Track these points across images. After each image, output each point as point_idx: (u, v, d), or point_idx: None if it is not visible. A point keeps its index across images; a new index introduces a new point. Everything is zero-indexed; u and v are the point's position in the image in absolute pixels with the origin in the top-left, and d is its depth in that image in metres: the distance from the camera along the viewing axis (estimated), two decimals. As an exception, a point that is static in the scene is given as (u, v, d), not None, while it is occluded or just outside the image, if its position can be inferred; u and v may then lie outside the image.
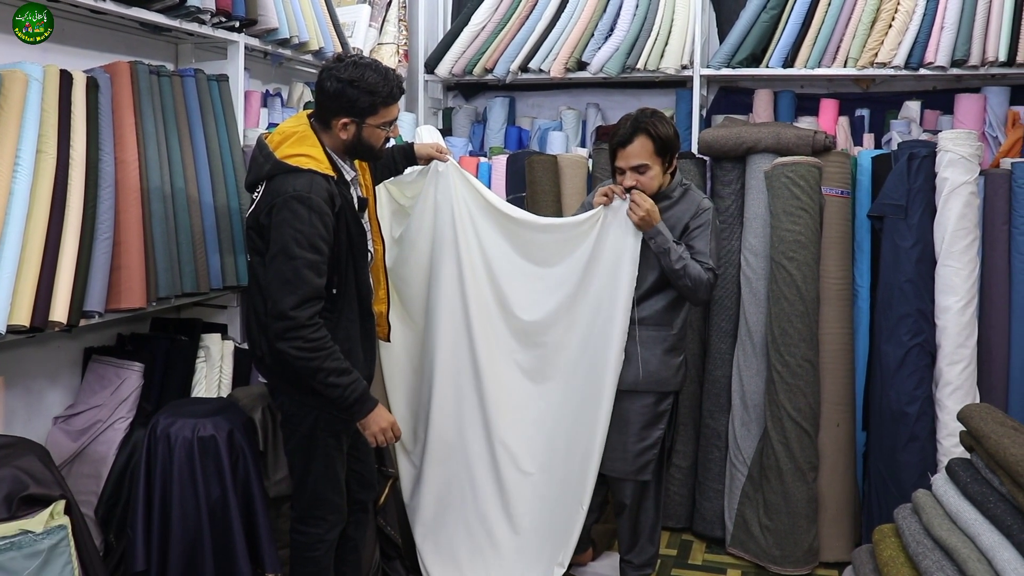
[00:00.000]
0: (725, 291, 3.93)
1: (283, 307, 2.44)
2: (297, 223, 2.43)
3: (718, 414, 3.95)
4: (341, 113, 2.57)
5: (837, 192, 3.77)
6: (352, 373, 2.53)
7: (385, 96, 2.57)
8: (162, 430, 2.80)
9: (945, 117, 4.38)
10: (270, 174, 2.53)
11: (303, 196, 2.45)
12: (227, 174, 3.36)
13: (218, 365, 3.45)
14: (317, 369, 2.47)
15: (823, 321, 3.74)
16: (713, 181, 4.07)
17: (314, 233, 2.45)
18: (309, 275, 2.45)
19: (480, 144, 5.20)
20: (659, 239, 3.02)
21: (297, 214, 2.44)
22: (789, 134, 3.77)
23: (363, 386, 2.56)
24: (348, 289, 2.65)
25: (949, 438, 3.46)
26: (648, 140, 3.05)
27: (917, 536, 2.44)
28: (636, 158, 3.06)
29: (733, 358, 3.91)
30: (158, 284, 2.94)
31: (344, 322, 2.64)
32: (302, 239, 2.44)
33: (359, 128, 2.59)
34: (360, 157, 2.73)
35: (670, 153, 3.11)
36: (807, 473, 3.64)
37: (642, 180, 3.08)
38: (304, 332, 2.44)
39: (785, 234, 3.64)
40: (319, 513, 2.74)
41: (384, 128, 2.63)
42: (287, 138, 2.58)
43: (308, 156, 2.53)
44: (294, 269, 2.43)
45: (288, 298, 2.43)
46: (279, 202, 2.46)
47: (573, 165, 4.25)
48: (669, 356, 3.19)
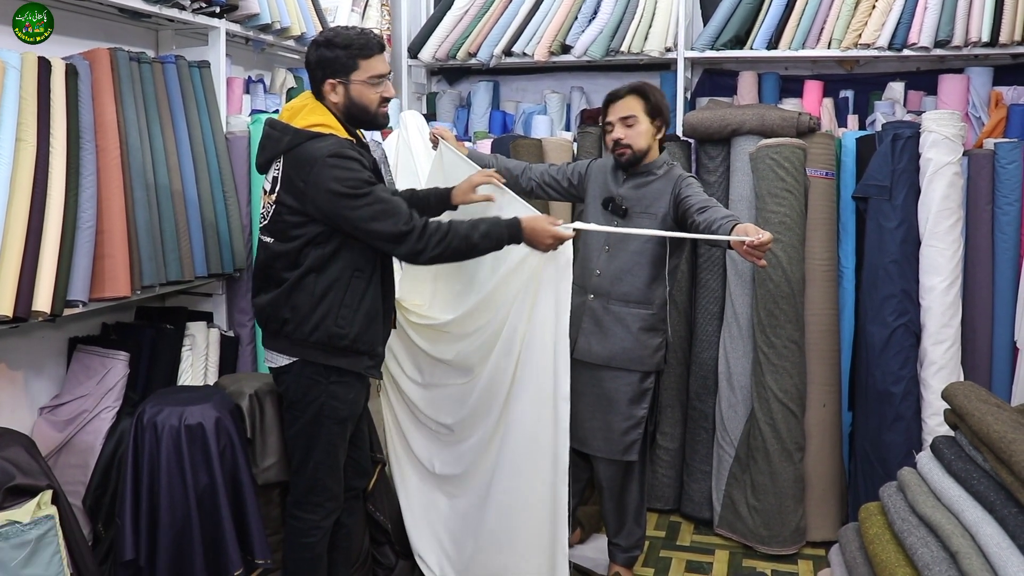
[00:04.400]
0: (711, 273, 3.93)
1: (394, 232, 2.47)
2: (341, 173, 2.44)
3: (705, 396, 3.96)
4: (326, 77, 2.57)
5: (822, 173, 3.77)
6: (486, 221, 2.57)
7: (361, 46, 2.56)
8: (149, 419, 2.79)
9: (929, 98, 4.39)
10: (291, 145, 2.52)
11: (337, 151, 2.46)
12: (210, 161, 3.36)
13: (204, 353, 3.45)
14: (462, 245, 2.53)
15: (809, 302, 3.75)
16: (698, 163, 4.05)
17: (359, 175, 2.46)
18: (386, 196, 2.48)
19: (464, 129, 5.19)
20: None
21: (338, 166, 2.44)
22: (774, 116, 3.76)
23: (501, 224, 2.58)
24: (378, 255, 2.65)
25: (934, 417, 3.48)
26: (640, 98, 3.09)
27: (902, 513, 2.44)
28: (626, 109, 3.09)
29: (720, 340, 3.90)
30: (142, 272, 2.94)
31: (375, 281, 2.65)
32: (353, 182, 2.45)
33: (347, 88, 2.57)
34: (360, 123, 2.66)
35: (660, 118, 3.13)
36: (794, 453, 3.66)
37: (630, 133, 3.10)
38: (427, 232, 2.49)
39: (770, 215, 3.63)
40: (317, 499, 2.74)
41: (373, 85, 2.59)
42: (298, 112, 2.59)
43: (324, 124, 2.54)
44: (369, 203, 2.45)
45: (391, 227, 2.47)
46: (317, 164, 2.45)
47: (558, 148, 4.23)
48: (647, 335, 3.17)
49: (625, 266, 3.13)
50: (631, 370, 3.17)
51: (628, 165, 3.14)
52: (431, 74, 5.48)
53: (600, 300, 3.18)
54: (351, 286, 2.59)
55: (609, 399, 3.20)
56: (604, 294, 3.17)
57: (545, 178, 3.36)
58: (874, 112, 4.34)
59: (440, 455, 3.25)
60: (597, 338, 3.17)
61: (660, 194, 3.11)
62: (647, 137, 3.11)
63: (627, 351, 3.16)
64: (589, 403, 3.23)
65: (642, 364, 3.17)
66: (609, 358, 3.17)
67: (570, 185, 3.36)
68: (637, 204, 3.14)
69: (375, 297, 2.66)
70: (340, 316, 2.56)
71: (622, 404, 3.19)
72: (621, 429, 3.19)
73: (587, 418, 3.23)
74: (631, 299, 3.15)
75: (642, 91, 3.10)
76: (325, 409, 2.64)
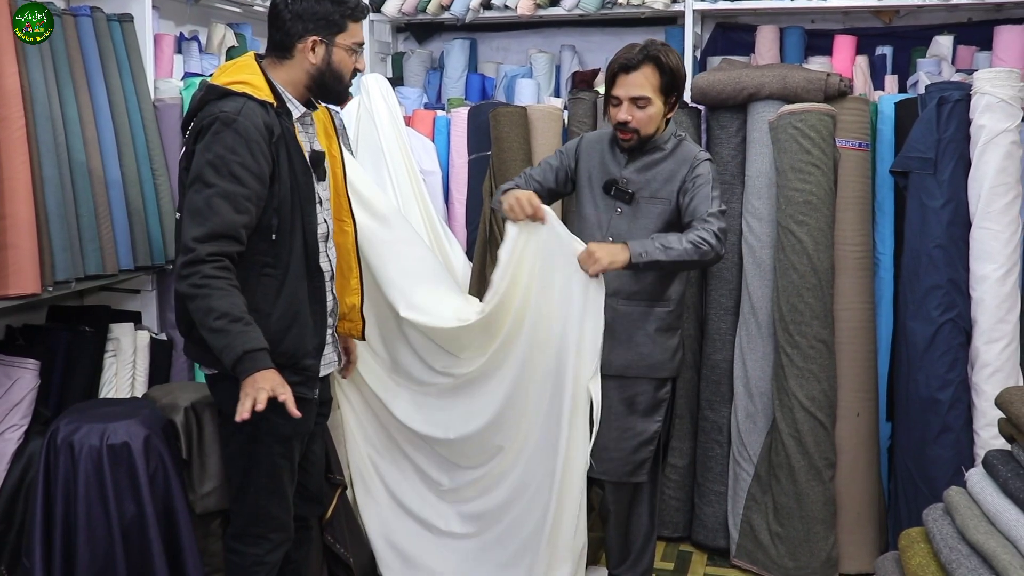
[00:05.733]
0: (725, 262, 3.84)
1: (186, 238, 2.42)
2: (217, 147, 2.45)
3: (719, 405, 3.94)
4: (309, 32, 2.60)
5: (854, 144, 3.74)
6: (251, 326, 2.44)
7: (353, 7, 2.64)
8: (64, 438, 2.77)
9: (982, 54, 4.40)
10: (203, 101, 2.54)
11: (228, 118, 2.46)
12: (135, 133, 3.35)
13: (131, 360, 3.45)
14: (207, 310, 2.39)
15: (839, 295, 3.72)
16: (709, 134, 4.01)
17: (236, 160, 2.45)
18: (223, 207, 2.43)
19: (436, 95, 5.18)
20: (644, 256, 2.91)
21: (219, 137, 2.45)
22: (797, 77, 3.73)
23: (260, 343, 2.43)
24: (293, 239, 2.63)
25: (987, 428, 3.45)
26: (656, 71, 3.05)
27: (950, 541, 2.43)
28: (638, 88, 3.05)
29: (735, 339, 3.89)
30: (54, 265, 2.92)
31: (290, 279, 2.63)
32: (221, 165, 2.44)
33: (329, 49, 2.63)
34: (326, 95, 2.72)
35: (675, 93, 3.12)
36: (823, 471, 3.63)
37: (638, 116, 3.07)
38: (203, 267, 2.40)
39: (793, 194, 3.61)
40: (260, 531, 2.71)
41: (352, 53, 2.67)
42: (225, 70, 2.64)
43: (243, 82, 2.54)
44: (206, 199, 2.43)
45: (194, 229, 2.42)
46: (205, 126, 2.48)
47: (546, 118, 4.22)
48: (664, 336, 3.18)
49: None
50: (646, 377, 3.19)
51: (632, 150, 3.15)
52: (397, 31, 5.49)
53: (610, 300, 3.11)
54: (260, 286, 2.57)
55: (617, 412, 3.19)
56: (612, 293, 3.12)
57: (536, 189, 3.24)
58: (916, 72, 4.34)
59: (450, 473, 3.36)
60: (610, 345, 3.12)
61: (671, 176, 3.12)
62: (657, 119, 3.11)
63: (644, 357, 3.17)
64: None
65: (660, 370, 3.19)
66: (625, 367, 3.18)
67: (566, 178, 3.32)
68: (644, 188, 3.14)
69: (293, 299, 2.63)
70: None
71: (633, 417, 3.20)
72: (630, 447, 3.20)
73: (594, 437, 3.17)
74: (645, 297, 3.17)
75: (659, 61, 3.04)
76: (263, 425, 2.56)
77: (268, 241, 2.56)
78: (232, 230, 2.44)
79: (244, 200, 2.46)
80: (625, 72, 3.06)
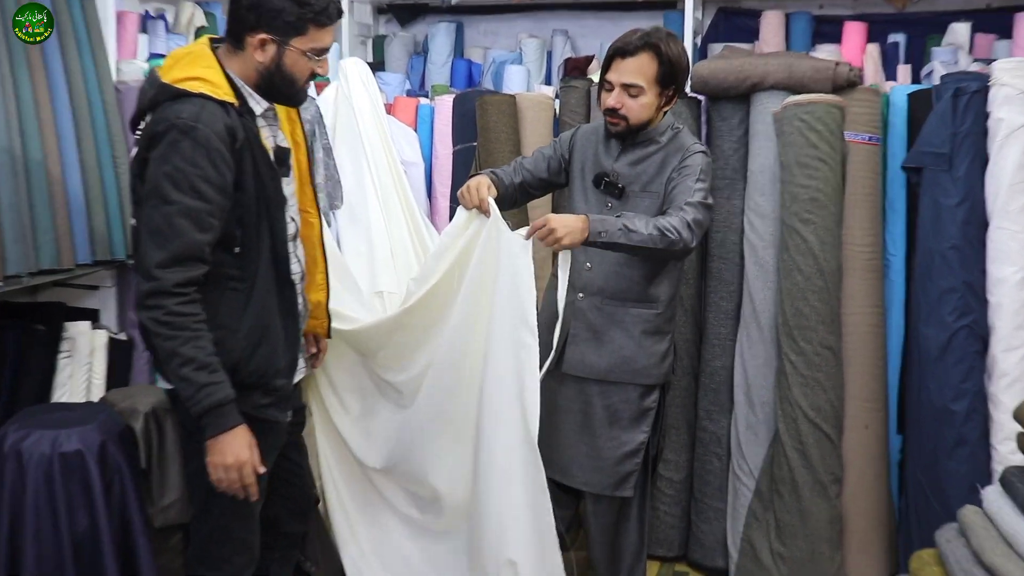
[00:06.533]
0: (725, 262, 3.90)
1: (148, 264, 2.37)
2: (176, 158, 2.37)
3: (717, 415, 3.94)
4: (259, 28, 2.48)
5: (864, 138, 3.73)
6: (218, 373, 2.42)
7: (318, 11, 2.50)
8: (11, 445, 2.77)
9: (1001, 43, 4.40)
10: (154, 102, 2.45)
11: (187, 125, 2.37)
12: (95, 118, 3.35)
13: (87, 361, 3.44)
14: (172, 353, 2.37)
15: (847, 298, 3.72)
16: (710, 126, 4.02)
17: (196, 173, 2.37)
18: (185, 226, 2.37)
19: (420, 81, 5.19)
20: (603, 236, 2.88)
21: (177, 147, 2.37)
22: (804, 66, 3.74)
23: (226, 394, 2.42)
24: (260, 249, 2.58)
25: (1005, 442, 3.44)
26: (654, 60, 3.03)
27: (965, 563, 2.42)
28: (632, 75, 3.04)
29: (735, 345, 3.89)
30: (5, 259, 2.93)
31: (258, 292, 2.58)
32: (181, 179, 2.36)
33: (280, 51, 2.51)
34: (275, 96, 2.63)
35: (672, 87, 3.11)
36: (829, 487, 3.63)
37: (628, 104, 3.06)
38: (168, 301, 2.36)
39: (799, 191, 3.62)
40: (223, 553, 2.69)
41: (312, 58, 2.55)
42: (178, 61, 2.53)
43: (200, 79, 2.45)
44: (166, 217, 2.36)
45: (155, 253, 2.36)
46: (159, 132, 2.39)
47: (536, 107, 4.23)
48: (650, 340, 3.17)
49: (623, 256, 3.10)
50: (630, 384, 3.18)
51: (621, 137, 3.16)
52: (378, 12, 5.48)
53: (592, 299, 3.16)
54: (225, 301, 2.53)
55: (600, 420, 3.19)
56: (597, 292, 3.16)
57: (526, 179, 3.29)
58: (931, 61, 4.33)
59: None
60: (591, 347, 3.16)
61: (661, 167, 3.13)
62: (649, 110, 3.10)
63: (627, 360, 3.16)
64: (574, 424, 3.22)
65: (645, 376, 3.18)
66: (607, 370, 3.17)
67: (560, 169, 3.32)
68: (635, 181, 3.15)
69: (262, 313, 2.59)
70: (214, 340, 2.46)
71: (617, 426, 3.19)
72: (614, 457, 3.18)
73: (572, 443, 3.22)
74: (631, 297, 3.15)
75: (658, 49, 3.03)
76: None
77: (231, 254, 2.51)
78: (197, 251, 2.40)
79: (207, 216, 2.40)
80: (621, 57, 3.06)
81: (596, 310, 3.16)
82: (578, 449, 3.21)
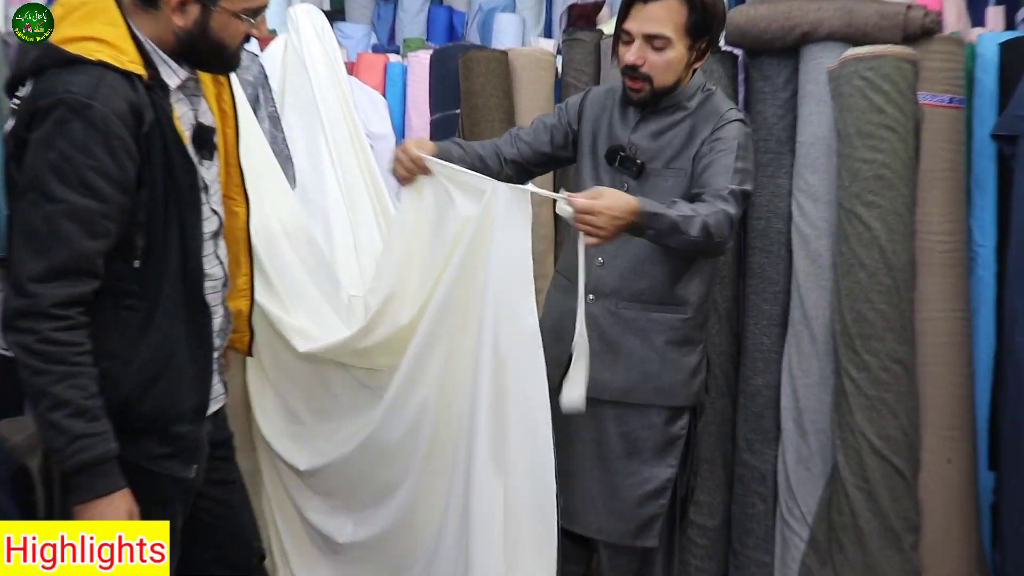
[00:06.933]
0: (768, 256, 3.73)
1: (21, 275, 2.20)
2: (63, 144, 2.18)
3: (760, 445, 3.73)
4: None
5: (943, 100, 3.52)
6: (98, 421, 2.24)
7: None
8: None
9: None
10: (39, 66, 2.27)
11: (79, 102, 2.18)
12: None
13: (-34, 385, 3.32)
14: (41, 392, 2.20)
15: (922, 300, 3.52)
16: (749, 87, 3.84)
17: (89, 164, 2.19)
18: (71, 230, 2.18)
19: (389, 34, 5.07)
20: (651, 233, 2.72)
21: (65, 130, 2.18)
22: (868, 11, 3.54)
23: (107, 448, 2.25)
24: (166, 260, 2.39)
25: None
26: (684, 4, 2.83)
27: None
28: (657, 23, 2.83)
29: (782, 358, 3.68)
30: None
31: (161, 315, 2.39)
32: (68, 171, 2.18)
33: (205, 14, 2.36)
34: (200, 64, 2.48)
35: (706, 37, 2.90)
36: (903, 536, 3.40)
37: (652, 60, 2.85)
38: (44, 325, 2.18)
39: (861, 167, 3.42)
40: None
41: (245, 20, 2.42)
42: (71, 12, 2.33)
43: (99, 39, 2.26)
44: (48, 218, 2.18)
45: (32, 263, 2.19)
46: (42, 109, 2.21)
47: (533, 65, 4.13)
48: (678, 352, 2.99)
49: (643, 250, 2.93)
50: (653, 406, 3.00)
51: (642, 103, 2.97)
52: (339, -49, 5.50)
53: (606, 303, 2.99)
54: (118, 323, 2.33)
55: (616, 452, 3.03)
56: (611, 293, 2.99)
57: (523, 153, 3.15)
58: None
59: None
60: (605, 361, 2.95)
61: (689, 137, 2.95)
62: (677, 68, 2.91)
63: (649, 377, 2.97)
64: (585, 458, 3.05)
65: (672, 396, 3.00)
66: (624, 390, 2.99)
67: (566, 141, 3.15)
68: (657, 156, 2.97)
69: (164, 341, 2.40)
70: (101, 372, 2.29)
71: (637, 459, 3.02)
72: (634, 498, 3.01)
73: (582, 481, 3.06)
74: (653, 299, 2.98)
75: None
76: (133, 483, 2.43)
77: (130, 266, 2.33)
78: (85, 262, 2.22)
79: (101, 219, 2.22)
80: (643, 1, 2.86)
81: (610, 316, 3.00)
82: (590, 489, 3.06)
